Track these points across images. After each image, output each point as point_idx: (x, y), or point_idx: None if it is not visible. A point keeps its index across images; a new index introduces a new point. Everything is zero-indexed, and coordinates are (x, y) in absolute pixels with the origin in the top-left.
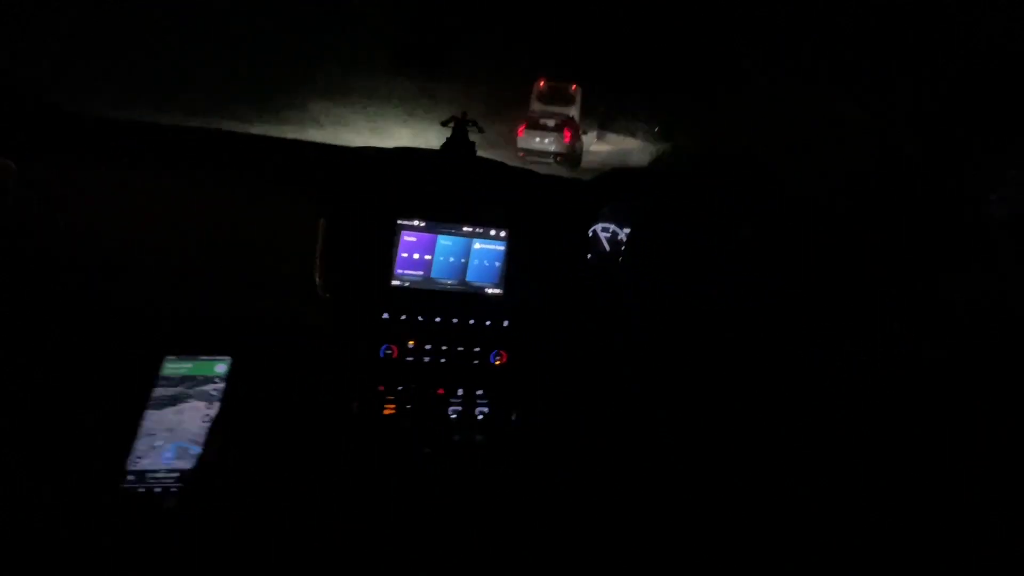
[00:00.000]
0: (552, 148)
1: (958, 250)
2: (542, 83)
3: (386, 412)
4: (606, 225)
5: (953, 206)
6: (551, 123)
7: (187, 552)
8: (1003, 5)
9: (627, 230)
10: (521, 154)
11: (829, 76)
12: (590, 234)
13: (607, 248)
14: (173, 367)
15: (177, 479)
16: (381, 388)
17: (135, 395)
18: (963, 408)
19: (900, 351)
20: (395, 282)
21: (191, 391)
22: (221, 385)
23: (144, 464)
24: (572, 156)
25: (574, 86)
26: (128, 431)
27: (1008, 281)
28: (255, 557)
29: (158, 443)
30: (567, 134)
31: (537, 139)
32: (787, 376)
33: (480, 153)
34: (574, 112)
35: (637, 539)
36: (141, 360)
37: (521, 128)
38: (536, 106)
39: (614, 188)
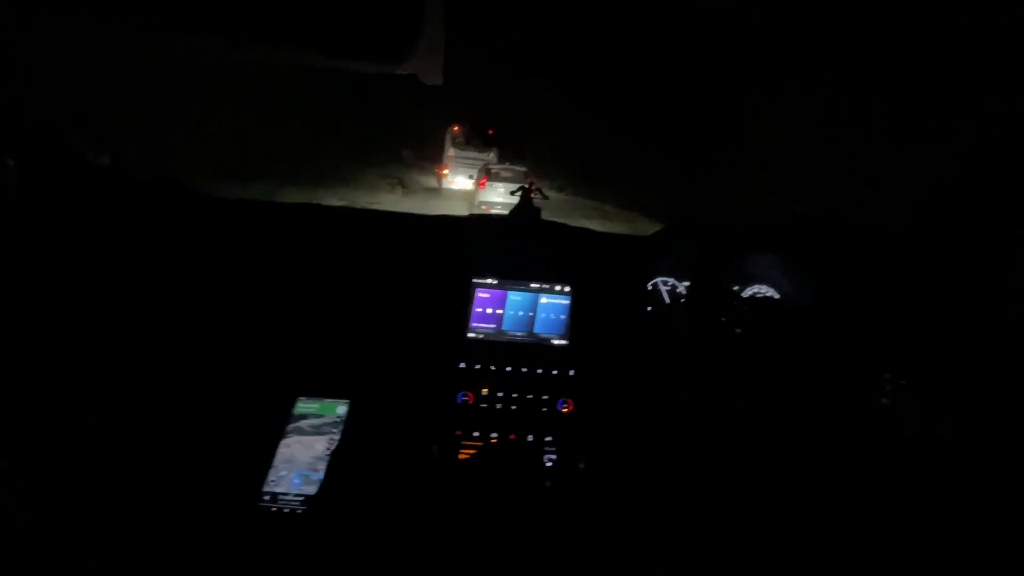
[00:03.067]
0: (517, 199)
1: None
2: (456, 128)
3: (461, 456)
4: (665, 279)
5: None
6: (509, 174)
7: (306, 564)
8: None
9: (686, 283)
10: (485, 207)
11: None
12: (650, 287)
13: (667, 300)
14: (304, 406)
15: (302, 502)
16: (458, 433)
17: (273, 429)
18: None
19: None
20: (470, 334)
21: (321, 427)
22: (341, 424)
23: (277, 487)
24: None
25: (491, 131)
26: (264, 459)
27: None
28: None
29: (291, 470)
30: (530, 183)
31: (501, 190)
32: (853, 430)
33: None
34: (493, 155)
35: None
36: (277, 398)
37: (483, 181)
38: (452, 151)
39: (672, 243)
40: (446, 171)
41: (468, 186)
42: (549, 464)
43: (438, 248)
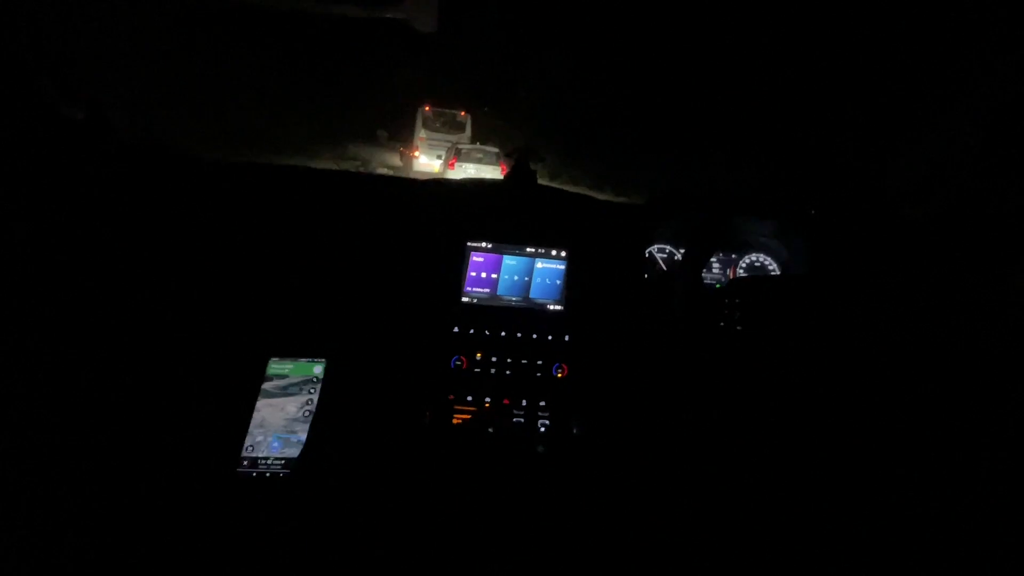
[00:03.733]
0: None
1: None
2: (428, 108)
3: (455, 421)
4: (662, 246)
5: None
6: (480, 155)
7: (293, 528)
8: None
9: (683, 250)
10: (424, 180)
11: None
12: (646, 254)
13: (663, 267)
14: (277, 367)
15: (284, 465)
16: (451, 397)
17: (246, 391)
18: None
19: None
20: (465, 299)
21: (295, 388)
22: (317, 384)
23: (256, 451)
24: None
25: (463, 111)
26: (240, 423)
27: None
28: (346, 534)
29: (267, 433)
30: (503, 167)
31: (473, 171)
32: (851, 392)
33: None
34: (465, 138)
35: (695, 552)
36: (250, 360)
37: (452, 162)
38: (423, 133)
39: (669, 210)
40: (417, 152)
41: (437, 168)
42: (543, 429)
43: (433, 211)
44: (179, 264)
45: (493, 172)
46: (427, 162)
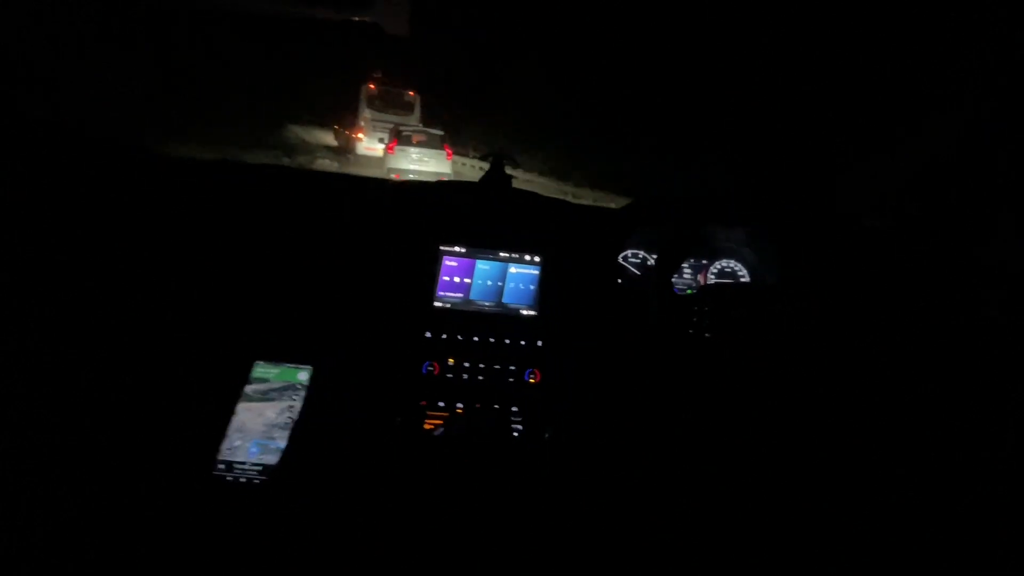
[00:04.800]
0: (431, 168)
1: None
2: (372, 86)
3: (427, 427)
4: (636, 251)
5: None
6: (423, 137)
7: (265, 536)
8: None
9: (655, 256)
10: (395, 176)
11: None
12: (621, 259)
13: (636, 273)
14: (262, 371)
15: (261, 471)
16: (423, 403)
17: (227, 393)
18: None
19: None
20: (437, 303)
21: (275, 394)
22: (303, 391)
23: (233, 455)
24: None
25: (412, 92)
26: (220, 425)
27: None
28: (319, 544)
29: (245, 438)
30: (448, 152)
31: (415, 156)
32: (824, 395)
33: None
34: (413, 120)
35: (665, 556)
36: (234, 362)
37: (391, 145)
38: (367, 112)
39: (643, 216)
40: (361, 135)
41: (427, 165)
42: (515, 434)
43: (405, 214)
44: (160, 263)
45: (438, 157)
46: (371, 145)
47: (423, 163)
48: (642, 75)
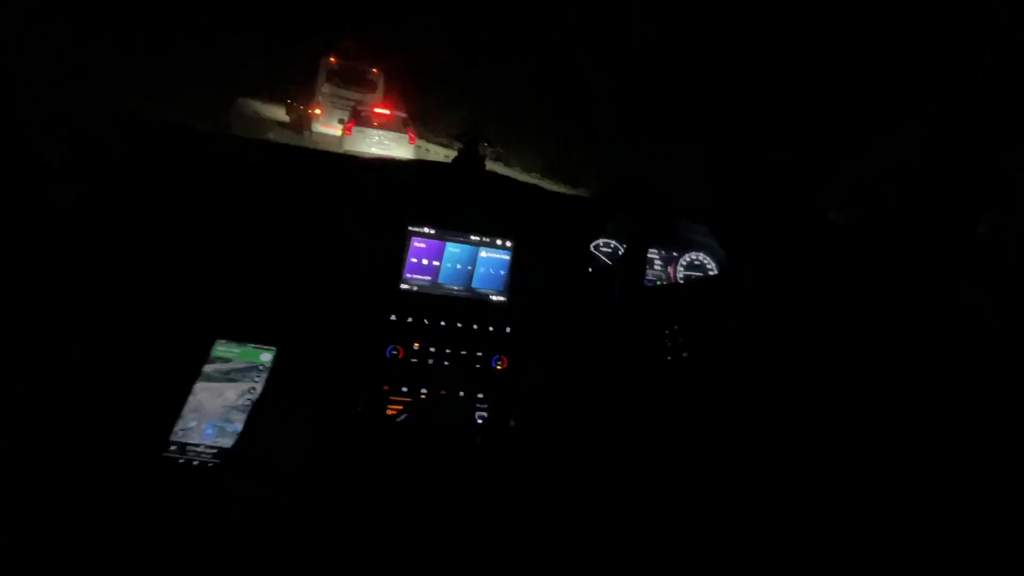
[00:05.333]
0: (392, 153)
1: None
2: (333, 59)
3: (389, 412)
4: (607, 240)
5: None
6: (386, 119)
7: (216, 520)
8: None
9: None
10: (365, 159)
11: None
12: (592, 248)
13: (607, 263)
14: (223, 350)
15: (215, 455)
16: (386, 388)
17: (184, 371)
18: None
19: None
20: (404, 286)
21: (236, 374)
22: (264, 373)
23: (187, 437)
24: None
25: (375, 69)
26: (175, 405)
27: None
28: (272, 530)
29: (201, 419)
30: (411, 136)
31: (376, 138)
32: (787, 380)
33: None
34: (376, 99)
35: (638, 546)
36: (194, 339)
37: (349, 125)
38: (326, 88)
39: (616, 205)
40: (318, 111)
41: (387, 148)
42: (480, 421)
43: (374, 192)
44: (118, 235)
45: (399, 141)
46: (328, 123)
47: (383, 146)
48: (616, 68)
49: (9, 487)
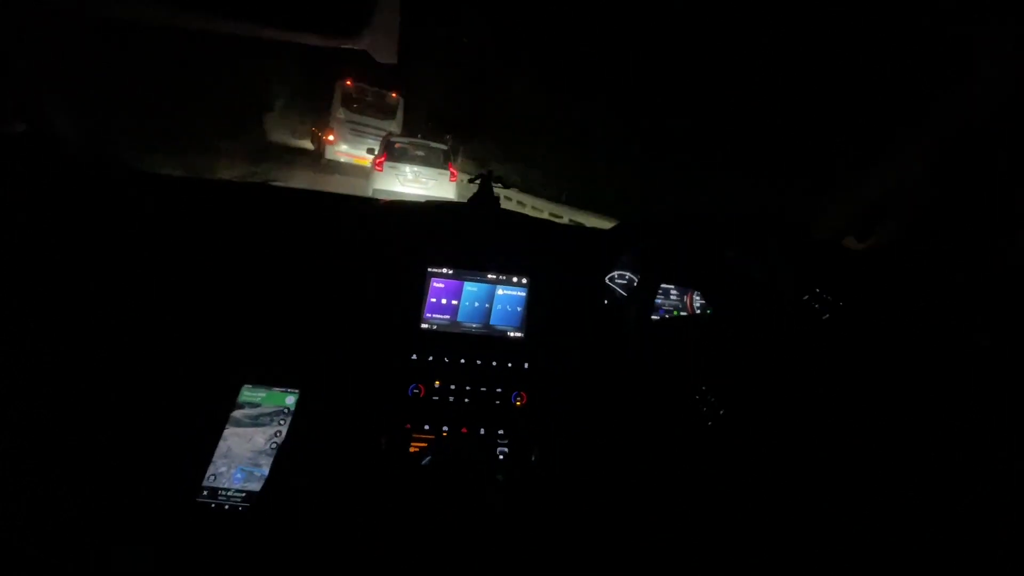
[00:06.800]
0: (431, 193)
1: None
2: (349, 82)
3: (412, 450)
4: (622, 272)
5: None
6: (422, 153)
7: (248, 564)
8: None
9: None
10: (383, 202)
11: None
12: (607, 281)
13: (623, 295)
14: (250, 395)
15: (244, 499)
16: (408, 426)
17: (215, 417)
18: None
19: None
20: (424, 325)
21: (264, 419)
22: (288, 416)
23: (217, 482)
24: None
25: (395, 94)
26: (206, 451)
27: None
28: (304, 570)
29: (231, 464)
30: (453, 172)
31: (410, 175)
32: (812, 428)
33: None
34: (394, 126)
35: None
36: (223, 385)
37: (380, 160)
38: (340, 113)
39: (631, 237)
40: (332, 136)
41: (356, 158)
42: (501, 457)
43: (393, 235)
44: (147, 285)
45: (439, 179)
46: (344, 150)
47: (420, 185)
48: (631, 93)
49: (52, 537)
